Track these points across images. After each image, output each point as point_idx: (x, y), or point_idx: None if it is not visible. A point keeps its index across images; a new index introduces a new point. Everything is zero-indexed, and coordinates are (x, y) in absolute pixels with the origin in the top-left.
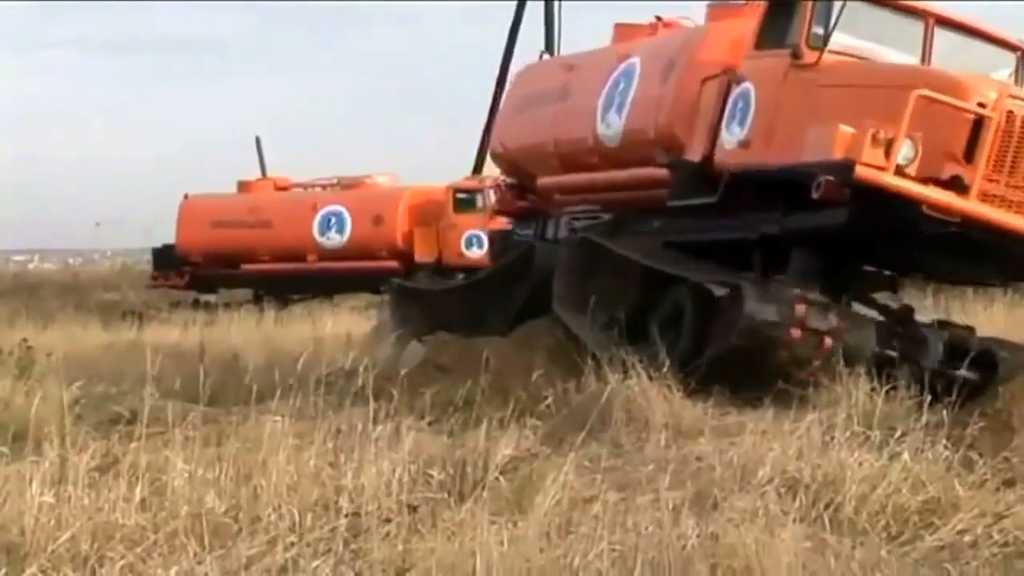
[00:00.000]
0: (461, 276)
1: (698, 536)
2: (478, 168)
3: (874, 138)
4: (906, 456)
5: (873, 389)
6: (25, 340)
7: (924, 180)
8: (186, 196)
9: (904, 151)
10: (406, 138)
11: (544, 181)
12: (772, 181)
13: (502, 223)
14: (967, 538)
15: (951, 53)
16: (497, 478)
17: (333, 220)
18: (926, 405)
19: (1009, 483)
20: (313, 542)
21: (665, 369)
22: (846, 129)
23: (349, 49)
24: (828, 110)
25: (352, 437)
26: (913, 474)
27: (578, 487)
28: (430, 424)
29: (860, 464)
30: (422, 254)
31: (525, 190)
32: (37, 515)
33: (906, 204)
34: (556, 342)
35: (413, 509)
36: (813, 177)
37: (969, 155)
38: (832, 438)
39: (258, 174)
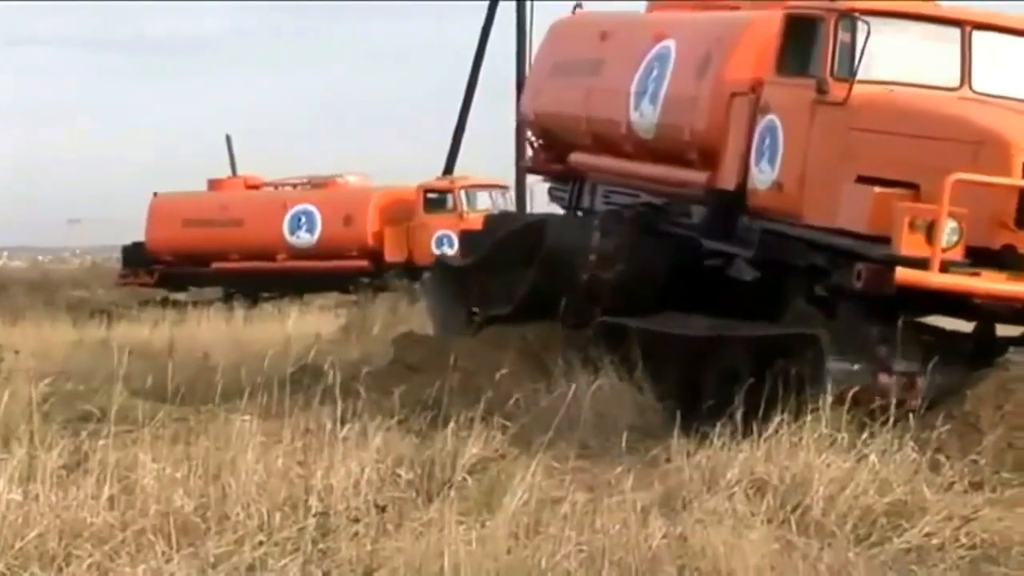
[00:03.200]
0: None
1: (665, 537)
2: (449, 168)
3: (912, 224)
4: (873, 458)
5: (841, 392)
6: None
7: (972, 252)
8: (156, 194)
9: (947, 235)
10: (378, 138)
11: (578, 158)
12: (805, 242)
13: (474, 223)
14: (934, 541)
15: (992, 60)
16: (465, 478)
17: (303, 219)
18: (893, 407)
19: (976, 486)
20: (281, 541)
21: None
22: (883, 191)
23: (320, 48)
24: (862, 161)
25: (321, 436)
26: (880, 476)
27: (546, 488)
28: (399, 423)
29: (828, 466)
30: (392, 254)
31: (559, 151)
32: (4, 513)
33: (954, 295)
34: (525, 343)
35: (381, 509)
36: (852, 258)
37: (1020, 220)
38: (800, 440)
39: (229, 173)
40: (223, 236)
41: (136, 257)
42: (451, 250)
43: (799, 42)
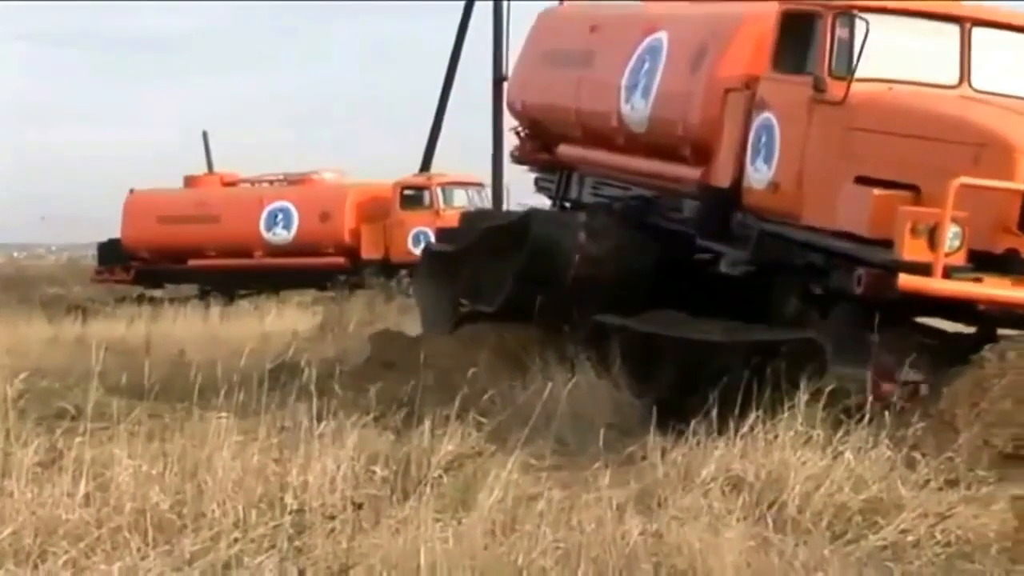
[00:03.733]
0: (407, 273)
1: (642, 534)
2: (426, 165)
3: (913, 228)
4: (849, 456)
5: (817, 388)
6: None
7: (974, 256)
8: (132, 191)
9: (949, 239)
10: (354, 135)
11: (567, 150)
12: (807, 246)
13: (451, 220)
14: (910, 538)
15: (992, 57)
16: (441, 475)
17: (280, 216)
18: (868, 405)
19: (952, 483)
20: (257, 538)
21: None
22: (883, 193)
23: (297, 46)
24: (861, 162)
25: (297, 433)
26: (856, 473)
27: (522, 485)
28: (375, 421)
29: (803, 463)
30: (369, 251)
31: (546, 141)
32: None
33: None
34: (501, 340)
35: (357, 506)
36: (852, 262)
37: (1023, 225)
38: (776, 437)
39: (205, 169)
40: (199, 233)
41: (112, 254)
42: None
43: (795, 38)
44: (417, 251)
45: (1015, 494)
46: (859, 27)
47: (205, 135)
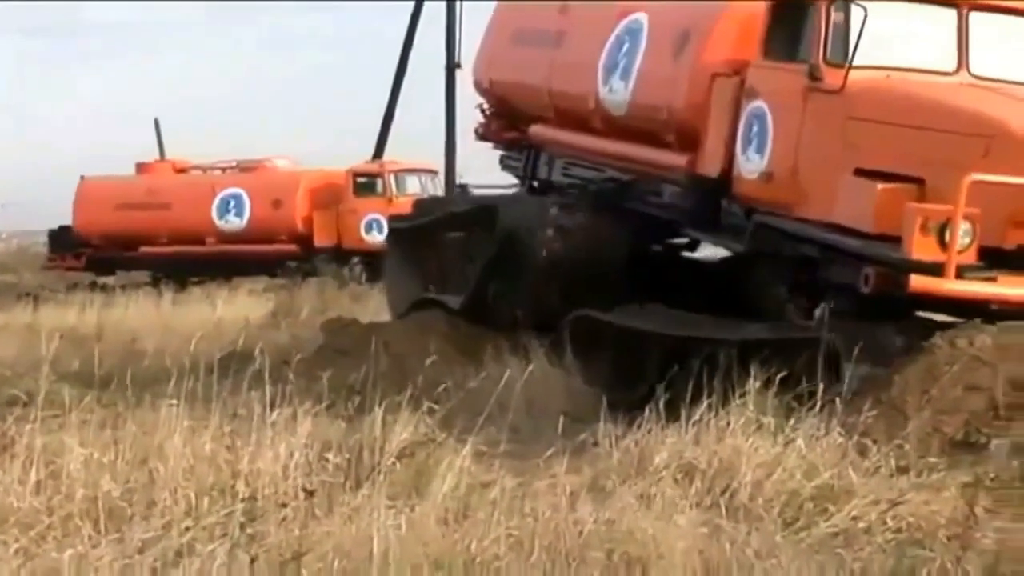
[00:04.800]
0: (359, 260)
1: (595, 522)
2: (379, 152)
3: (923, 227)
4: (800, 442)
5: (768, 377)
6: None
7: (984, 253)
8: (83, 178)
9: (960, 237)
10: (306, 121)
11: (539, 131)
12: (806, 241)
13: (403, 207)
14: (861, 524)
15: (990, 42)
16: (394, 463)
17: (232, 203)
18: (820, 391)
19: (903, 470)
20: (209, 526)
21: None
22: (888, 187)
23: (248, 31)
24: (861, 153)
25: (249, 421)
26: (807, 460)
27: (475, 472)
28: (327, 408)
29: (755, 450)
30: (321, 238)
31: (513, 120)
32: None
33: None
34: (453, 328)
35: (310, 493)
36: (858, 260)
37: None
38: (727, 424)
39: (157, 156)
40: (151, 220)
41: (63, 241)
42: (380, 235)
43: (788, 24)
44: (369, 238)
45: (965, 481)
46: (855, 13)
47: (157, 122)
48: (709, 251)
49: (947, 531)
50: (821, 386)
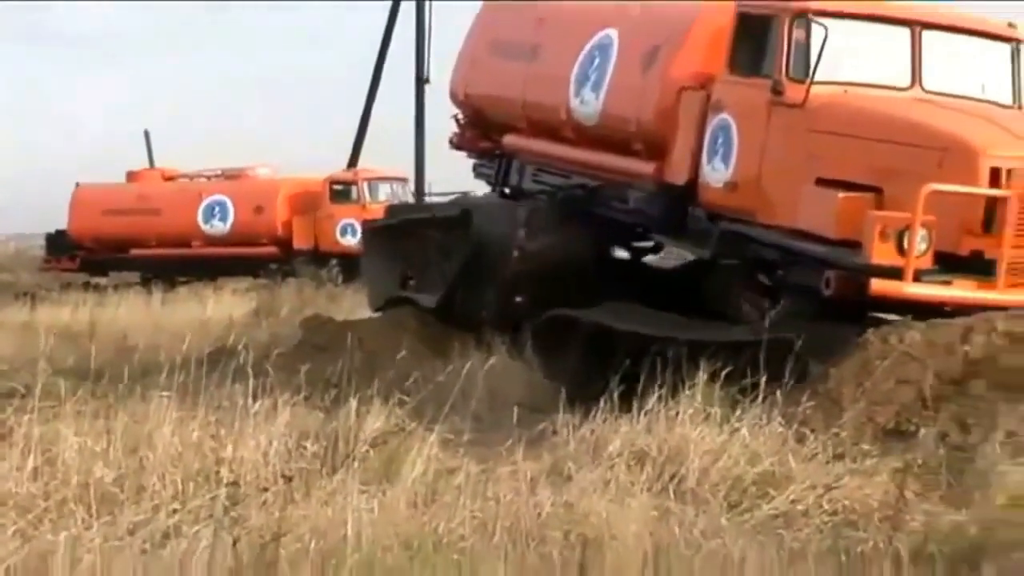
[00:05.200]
0: (335, 262)
1: (553, 505)
2: (353, 161)
3: (883, 232)
4: (744, 431)
5: (715, 370)
6: None
7: (939, 258)
8: (78, 184)
9: (918, 243)
10: (286, 130)
11: (512, 140)
12: (770, 246)
13: (376, 212)
14: (799, 507)
15: (942, 59)
16: (367, 450)
17: (217, 209)
18: (763, 384)
19: (838, 456)
20: (195, 509)
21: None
22: (849, 196)
23: (231, 44)
24: (822, 164)
25: (232, 412)
26: (750, 448)
27: (442, 459)
28: (305, 400)
29: (702, 439)
30: (300, 241)
31: (487, 130)
32: None
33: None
34: (422, 325)
35: (288, 479)
36: (820, 265)
37: (988, 225)
38: (676, 415)
39: (147, 165)
40: (141, 224)
41: (59, 244)
42: (354, 238)
43: (752, 41)
44: (344, 242)
45: (896, 466)
46: (816, 31)
47: (147, 133)
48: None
49: (879, 513)
50: (763, 379)
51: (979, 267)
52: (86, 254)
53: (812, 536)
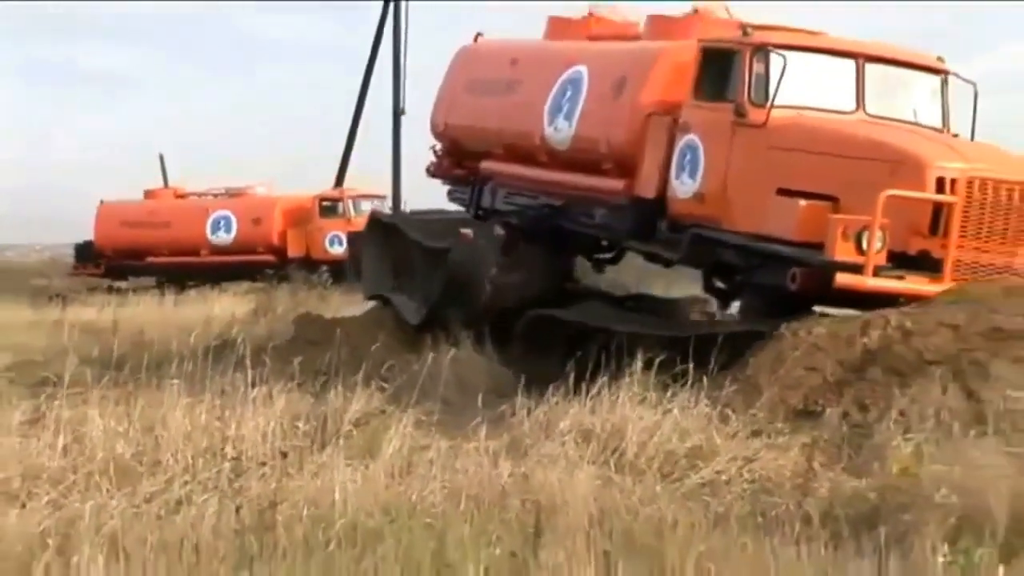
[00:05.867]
0: (324, 268)
1: (511, 476)
2: (340, 180)
3: (844, 233)
4: (676, 412)
5: (650, 359)
6: None
7: (892, 257)
8: (102, 202)
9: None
10: (280, 152)
11: (490, 166)
12: (739, 250)
13: (359, 225)
14: (723, 477)
15: (881, 87)
16: (351, 430)
17: (222, 222)
18: (691, 371)
19: (756, 433)
20: (203, 481)
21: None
22: (810, 204)
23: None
24: (781, 176)
25: (234, 397)
26: (681, 426)
27: (416, 436)
28: (298, 386)
29: (640, 418)
30: (293, 250)
31: (461, 158)
32: None
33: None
34: (399, 322)
35: (284, 455)
36: (786, 263)
37: (934, 228)
38: (618, 398)
39: (161, 184)
40: (156, 236)
41: (86, 252)
42: (340, 247)
43: (715, 71)
44: (332, 251)
45: (805, 442)
46: (774, 61)
47: (161, 157)
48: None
49: (791, 482)
50: (692, 367)
51: (927, 265)
52: (109, 261)
53: (734, 501)
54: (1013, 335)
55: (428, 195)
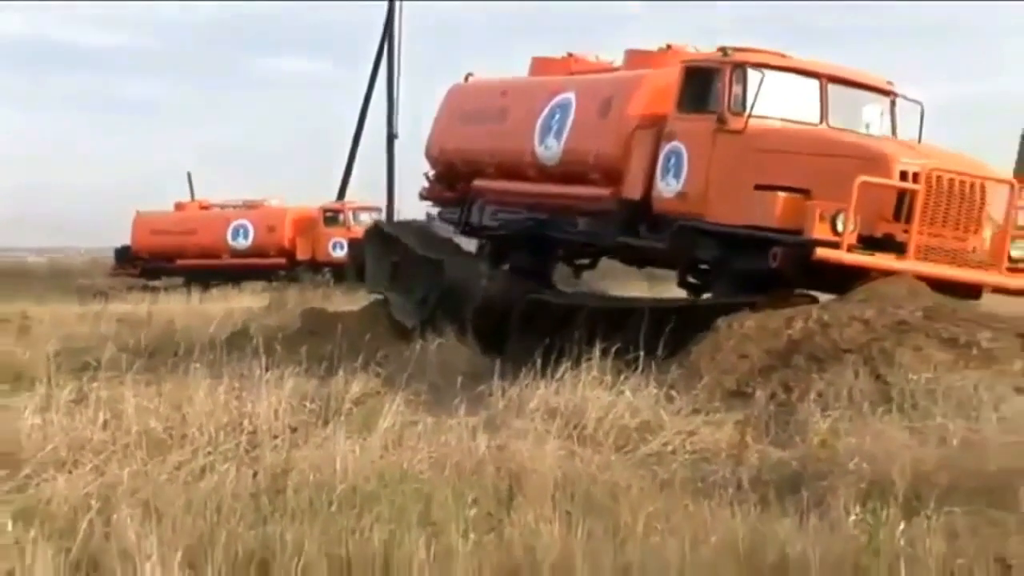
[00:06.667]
0: (327, 269)
1: (488, 447)
2: (341, 195)
3: (821, 215)
4: (628, 393)
5: (605, 347)
6: (23, 311)
7: (861, 239)
8: (138, 212)
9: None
10: (290, 170)
11: (481, 184)
12: (725, 237)
13: (357, 233)
14: (669, 448)
15: (841, 103)
16: (351, 408)
17: (241, 230)
18: (642, 358)
19: (696, 411)
20: (223, 451)
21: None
22: (788, 196)
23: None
24: (762, 172)
25: (250, 379)
26: (633, 405)
27: (406, 414)
28: (305, 371)
29: (598, 398)
30: (302, 254)
31: (452, 183)
32: (30, 432)
33: (854, 269)
34: (392, 316)
35: (293, 429)
36: (769, 244)
37: (897, 215)
38: (579, 381)
39: (189, 197)
40: (184, 242)
41: (124, 256)
42: (341, 252)
43: (697, 87)
44: (335, 255)
45: (738, 419)
46: (752, 77)
47: (189, 175)
48: None
49: (726, 452)
50: (642, 354)
51: (891, 247)
52: (144, 263)
53: (678, 469)
54: (914, 327)
55: (418, 208)
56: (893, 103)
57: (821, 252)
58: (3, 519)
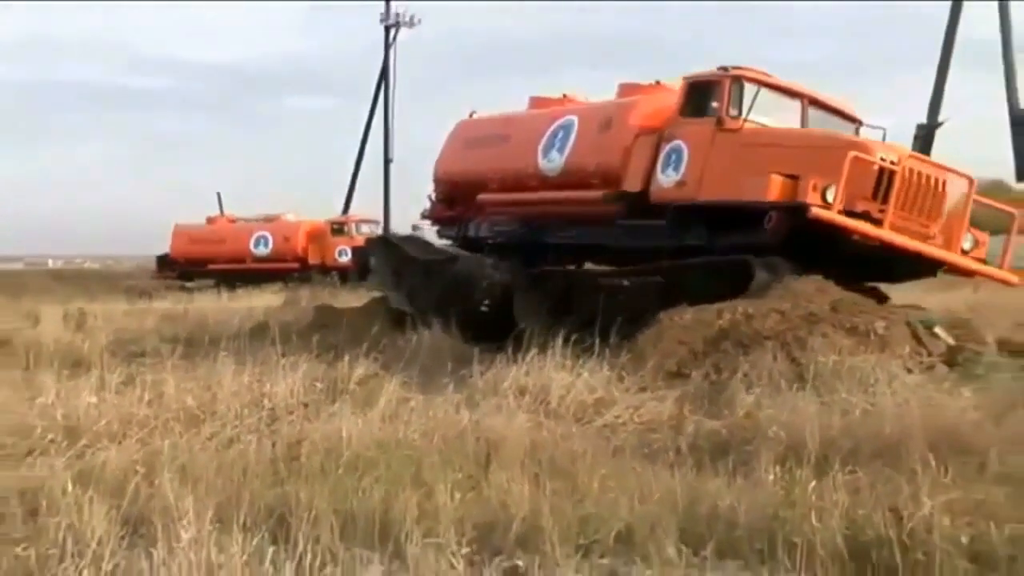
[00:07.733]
0: (334, 273)
1: (469, 420)
2: (346, 209)
3: (814, 186)
4: (586, 374)
5: (567, 336)
6: (81, 308)
7: (843, 213)
8: (176, 225)
9: (833, 196)
10: (303, 188)
11: (485, 198)
12: (722, 211)
13: (359, 241)
14: (620, 420)
15: (818, 123)
16: (355, 388)
17: (262, 240)
18: (597, 344)
19: (643, 389)
20: (247, 425)
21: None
22: (777, 177)
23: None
24: (755, 162)
25: (269, 365)
26: (590, 384)
27: (401, 393)
28: (316, 357)
29: (561, 378)
30: (313, 260)
31: (452, 203)
32: (87, 409)
33: (840, 233)
34: (389, 312)
35: (306, 405)
36: (764, 211)
37: (874, 196)
38: (545, 364)
39: (218, 213)
40: (215, 250)
41: (164, 261)
42: (347, 258)
43: (699, 97)
44: (341, 260)
45: (677, 395)
46: (748, 88)
47: (219, 195)
48: None
49: (668, 424)
50: (598, 341)
51: (869, 221)
52: (181, 268)
53: (627, 437)
54: (823, 318)
55: (407, 219)
56: (857, 130)
57: (815, 211)
58: (65, 481)
